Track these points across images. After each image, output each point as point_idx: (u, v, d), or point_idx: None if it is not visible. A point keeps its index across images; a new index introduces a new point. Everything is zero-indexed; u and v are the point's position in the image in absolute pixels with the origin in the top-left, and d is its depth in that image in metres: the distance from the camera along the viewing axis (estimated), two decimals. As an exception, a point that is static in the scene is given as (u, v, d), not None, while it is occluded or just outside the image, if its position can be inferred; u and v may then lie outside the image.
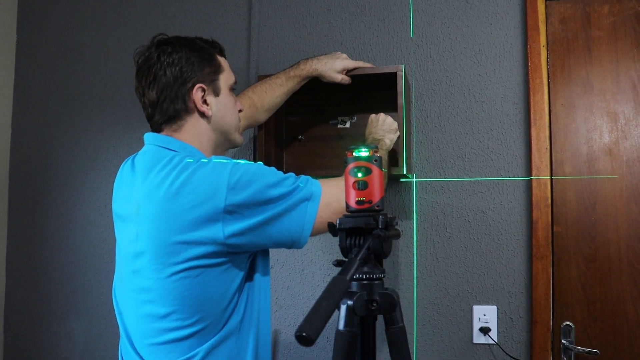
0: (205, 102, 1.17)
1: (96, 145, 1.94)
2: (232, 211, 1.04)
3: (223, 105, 1.21)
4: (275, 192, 1.07)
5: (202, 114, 1.17)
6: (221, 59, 1.23)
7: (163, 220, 1.05)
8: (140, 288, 1.10)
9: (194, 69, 1.15)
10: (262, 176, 1.07)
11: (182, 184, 1.05)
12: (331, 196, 1.11)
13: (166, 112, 1.15)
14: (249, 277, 1.14)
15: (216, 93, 1.19)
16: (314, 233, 1.11)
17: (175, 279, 1.05)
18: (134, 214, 1.11)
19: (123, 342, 1.19)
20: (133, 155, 1.22)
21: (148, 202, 1.08)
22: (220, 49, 1.24)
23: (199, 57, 1.17)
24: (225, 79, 1.22)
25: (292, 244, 1.11)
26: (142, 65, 1.17)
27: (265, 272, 1.19)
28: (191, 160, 1.08)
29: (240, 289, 1.11)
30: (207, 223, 1.03)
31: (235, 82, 1.27)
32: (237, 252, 1.08)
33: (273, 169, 1.12)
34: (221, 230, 1.04)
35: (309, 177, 1.13)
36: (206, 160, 1.08)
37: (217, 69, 1.20)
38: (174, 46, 1.16)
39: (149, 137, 1.18)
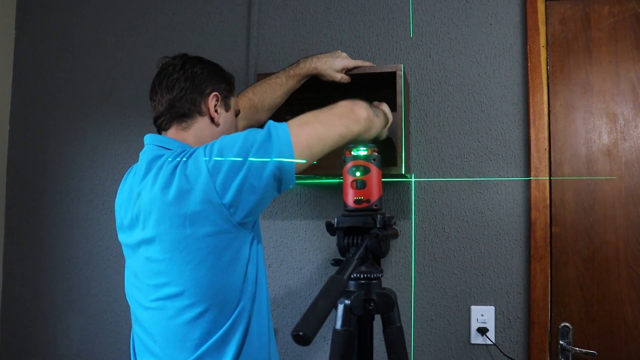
0: (216, 111, 1.23)
1: (94, 142, 1.93)
2: (215, 172, 1.05)
3: (229, 121, 1.28)
4: (242, 134, 1.09)
5: (212, 119, 1.23)
6: (233, 88, 1.32)
7: (165, 207, 1.07)
8: (155, 272, 1.11)
9: (213, 81, 1.24)
10: (228, 135, 1.11)
11: (169, 176, 1.08)
12: (306, 117, 1.13)
13: (179, 110, 1.20)
14: (254, 244, 1.15)
15: (226, 108, 1.26)
16: (301, 152, 1.08)
17: (186, 254, 1.07)
18: (136, 205, 1.14)
19: (138, 337, 1.20)
20: (133, 166, 1.25)
21: (148, 197, 1.11)
22: (234, 81, 1.33)
23: (219, 74, 1.27)
24: (234, 103, 1.30)
25: (280, 174, 1.06)
26: (165, 69, 1.23)
27: (260, 240, 1.21)
28: (170, 158, 1.11)
29: (249, 257, 1.12)
30: (203, 198, 1.05)
31: (239, 112, 1.35)
32: (241, 218, 1.07)
33: None
34: (217, 196, 1.05)
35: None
36: (186, 157, 1.11)
37: (231, 91, 1.29)
38: (200, 59, 1.25)
39: (149, 137, 1.22)
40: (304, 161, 1.09)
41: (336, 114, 1.15)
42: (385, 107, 1.42)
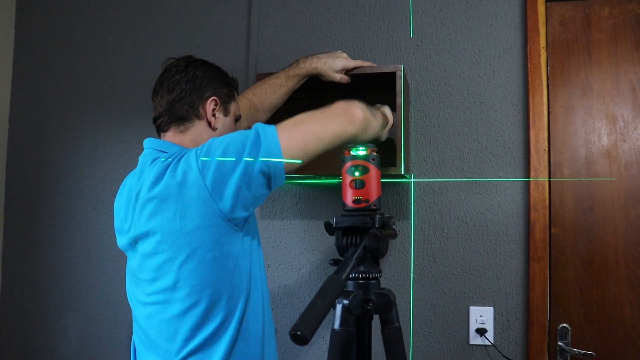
0: (214, 115, 1.24)
1: (93, 142, 1.93)
2: (204, 170, 1.06)
3: (228, 126, 1.28)
4: (231, 135, 1.10)
5: (209, 124, 1.24)
6: (235, 93, 1.32)
7: (155, 202, 1.10)
8: (149, 267, 1.13)
9: (214, 85, 1.25)
10: (219, 137, 1.12)
11: (160, 173, 1.10)
12: (301, 116, 1.13)
13: (178, 112, 1.21)
14: (246, 242, 1.15)
15: (225, 113, 1.27)
16: (296, 150, 1.09)
17: (177, 247, 1.08)
18: (135, 206, 1.15)
19: (137, 336, 1.21)
20: (132, 170, 1.26)
21: (143, 195, 1.12)
22: (237, 86, 1.34)
23: (221, 78, 1.27)
24: (235, 108, 1.31)
25: (268, 171, 1.07)
26: (168, 70, 1.24)
27: (255, 237, 1.21)
28: (164, 158, 1.13)
29: (239, 255, 1.13)
30: (193, 194, 1.06)
31: (240, 117, 1.34)
32: (231, 214, 1.08)
33: None
34: (207, 192, 1.06)
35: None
36: (179, 157, 1.12)
37: (232, 96, 1.29)
38: (203, 63, 1.27)
39: (148, 141, 1.24)
40: (300, 161, 1.10)
41: (332, 113, 1.16)
42: (386, 109, 1.43)
